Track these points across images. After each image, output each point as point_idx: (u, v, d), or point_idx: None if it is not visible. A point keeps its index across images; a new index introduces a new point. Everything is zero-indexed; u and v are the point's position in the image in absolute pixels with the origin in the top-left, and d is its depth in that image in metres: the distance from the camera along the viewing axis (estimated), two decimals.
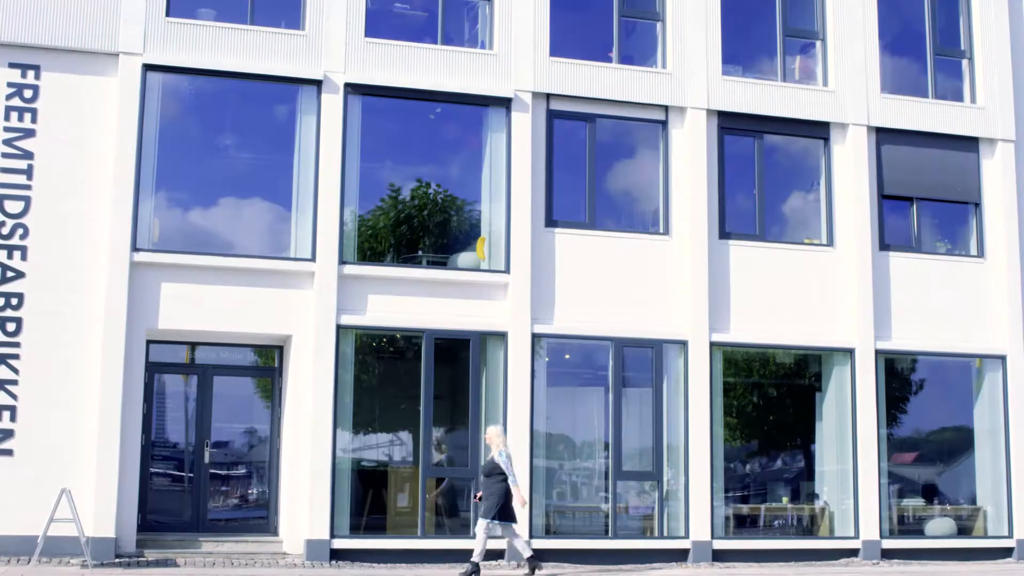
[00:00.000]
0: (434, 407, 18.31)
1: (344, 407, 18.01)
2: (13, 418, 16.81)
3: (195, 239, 18.07)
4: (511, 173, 18.97)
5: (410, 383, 18.48)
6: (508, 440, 17.01)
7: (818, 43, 21.15)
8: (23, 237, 17.20)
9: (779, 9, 20.98)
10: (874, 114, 20.81)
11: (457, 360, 18.66)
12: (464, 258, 19.06)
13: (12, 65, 17.49)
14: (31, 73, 17.54)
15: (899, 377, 20.82)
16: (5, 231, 17.16)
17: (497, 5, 19.39)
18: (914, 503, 20.63)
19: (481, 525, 16.19)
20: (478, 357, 18.59)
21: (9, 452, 16.73)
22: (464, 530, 18.23)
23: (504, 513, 16.19)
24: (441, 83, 18.90)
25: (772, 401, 20.77)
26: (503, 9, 19.38)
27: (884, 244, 20.69)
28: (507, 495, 16.19)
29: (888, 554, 19.71)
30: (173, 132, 18.20)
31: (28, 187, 17.31)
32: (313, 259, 18.05)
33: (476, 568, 15.96)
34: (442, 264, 19.07)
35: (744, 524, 19.85)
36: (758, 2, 21.02)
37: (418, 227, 19.29)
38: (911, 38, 21.87)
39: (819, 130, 20.75)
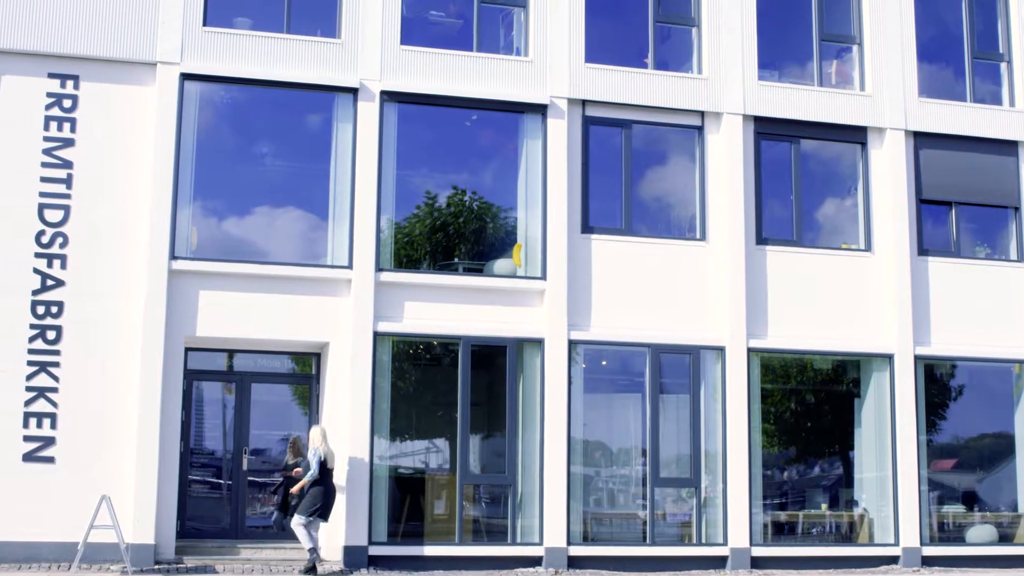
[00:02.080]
0: (471, 414, 18.31)
1: (381, 414, 18.02)
2: (53, 425, 16.94)
3: (233, 247, 18.15)
4: (547, 179, 18.95)
5: (447, 390, 18.48)
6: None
7: (855, 47, 21.01)
8: (63, 246, 17.32)
9: (815, 13, 20.87)
10: (912, 118, 20.65)
11: (494, 367, 18.64)
12: (500, 265, 19.03)
13: (51, 75, 17.64)
14: (70, 83, 17.68)
15: (938, 383, 20.65)
16: (45, 240, 17.29)
17: (532, 12, 19.39)
18: (954, 510, 20.44)
19: (295, 521, 16.66)
20: (515, 364, 18.57)
21: (50, 459, 16.85)
22: (502, 537, 18.22)
23: (323, 512, 16.74)
24: (477, 90, 18.91)
25: (810, 407, 20.65)
26: (538, 16, 19.37)
27: (923, 249, 20.53)
28: (326, 495, 16.69)
29: (928, 561, 19.55)
30: (210, 141, 18.31)
31: (67, 196, 17.44)
32: (350, 266, 18.08)
33: (312, 565, 16.48)
34: (478, 271, 19.07)
35: (782, 531, 19.72)
36: (794, 7, 20.92)
37: (454, 234, 19.29)
38: (948, 42, 21.71)
39: (856, 135, 20.62)
